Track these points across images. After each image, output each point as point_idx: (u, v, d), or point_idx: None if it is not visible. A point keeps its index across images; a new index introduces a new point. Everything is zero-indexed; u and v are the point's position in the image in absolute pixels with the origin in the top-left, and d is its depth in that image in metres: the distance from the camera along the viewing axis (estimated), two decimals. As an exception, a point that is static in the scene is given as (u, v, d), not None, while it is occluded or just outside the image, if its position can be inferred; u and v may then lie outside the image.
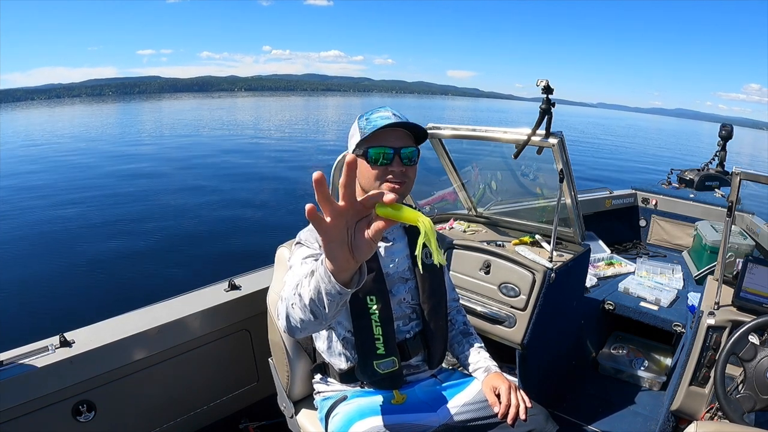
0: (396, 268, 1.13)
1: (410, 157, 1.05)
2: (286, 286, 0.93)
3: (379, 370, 1.07)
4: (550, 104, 1.43)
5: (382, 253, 1.12)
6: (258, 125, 27.34)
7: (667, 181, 3.45)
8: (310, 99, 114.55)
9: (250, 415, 1.70)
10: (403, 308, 1.14)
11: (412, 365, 1.17)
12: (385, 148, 1.02)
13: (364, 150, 1.04)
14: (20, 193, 8.23)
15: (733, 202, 1.44)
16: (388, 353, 1.07)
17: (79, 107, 68.30)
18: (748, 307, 1.43)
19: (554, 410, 1.88)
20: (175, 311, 1.47)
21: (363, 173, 1.06)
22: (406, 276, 1.15)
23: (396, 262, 1.14)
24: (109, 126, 27.83)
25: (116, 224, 6.34)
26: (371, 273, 1.06)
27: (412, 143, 1.07)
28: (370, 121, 1.04)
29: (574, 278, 1.85)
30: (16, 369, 1.19)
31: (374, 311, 1.06)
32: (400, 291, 1.13)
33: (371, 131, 1.02)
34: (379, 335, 1.07)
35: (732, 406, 1.19)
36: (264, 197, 8.27)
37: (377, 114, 1.05)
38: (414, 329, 1.15)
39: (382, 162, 1.03)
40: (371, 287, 1.06)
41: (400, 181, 1.04)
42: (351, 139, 1.09)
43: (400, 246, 1.16)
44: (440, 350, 1.19)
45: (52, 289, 4.31)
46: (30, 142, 18.31)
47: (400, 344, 1.12)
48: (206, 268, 4.68)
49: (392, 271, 1.12)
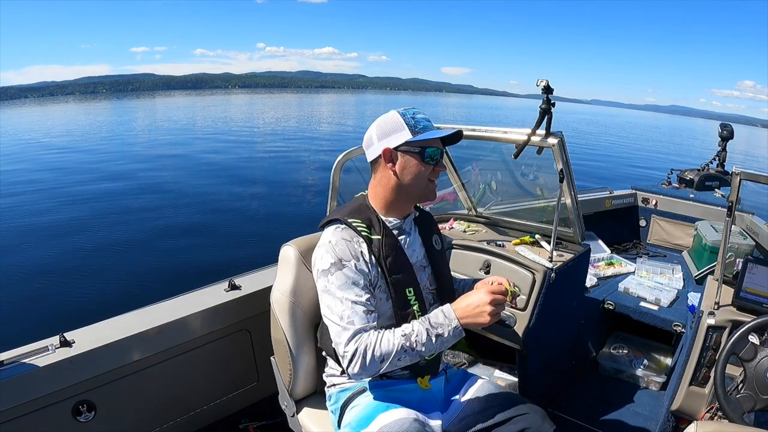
0: (415, 257, 1.17)
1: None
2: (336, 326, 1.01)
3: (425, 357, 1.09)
4: (550, 104, 1.43)
5: (404, 247, 1.15)
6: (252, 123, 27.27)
7: (667, 181, 3.45)
8: (304, 96, 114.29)
9: (250, 415, 1.70)
10: (426, 295, 1.17)
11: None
12: (438, 149, 1.11)
13: (419, 148, 1.08)
14: (20, 192, 8.24)
15: (733, 202, 1.44)
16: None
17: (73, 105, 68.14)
18: (748, 307, 1.43)
19: (554, 410, 1.88)
20: (175, 311, 1.47)
21: (410, 169, 1.09)
22: (423, 264, 1.20)
23: (415, 252, 1.18)
24: (105, 124, 27.79)
25: (116, 224, 6.34)
26: (404, 267, 1.11)
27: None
28: (418, 122, 1.09)
29: (574, 278, 1.85)
30: (16, 369, 1.19)
31: (414, 302, 1.11)
32: (422, 279, 1.17)
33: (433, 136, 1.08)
34: None
35: (732, 406, 1.19)
36: (263, 197, 8.27)
37: (420, 115, 1.11)
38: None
39: (434, 161, 1.10)
40: (408, 279, 1.11)
41: (435, 180, 1.14)
42: (394, 134, 1.08)
43: (415, 236, 1.20)
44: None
45: (52, 289, 4.31)
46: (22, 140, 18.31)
47: None
48: (206, 268, 4.68)
49: (414, 261, 1.16)
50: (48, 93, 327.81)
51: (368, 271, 1.07)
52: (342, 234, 1.08)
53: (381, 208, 1.14)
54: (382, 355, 0.97)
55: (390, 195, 1.12)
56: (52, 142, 17.31)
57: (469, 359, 2.05)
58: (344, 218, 1.10)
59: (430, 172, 1.11)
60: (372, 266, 1.07)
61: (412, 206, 1.19)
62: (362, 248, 1.07)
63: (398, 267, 1.10)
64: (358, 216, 1.11)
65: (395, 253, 1.10)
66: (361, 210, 1.13)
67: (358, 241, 1.08)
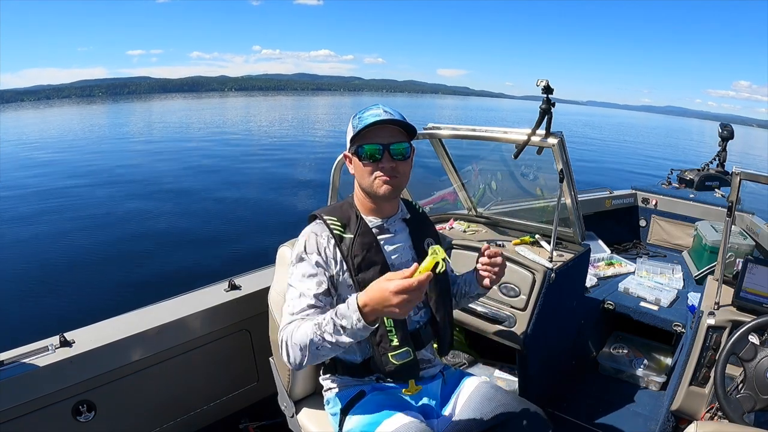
0: (400, 258, 1.15)
1: (401, 153, 1.07)
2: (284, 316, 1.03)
3: (395, 362, 1.08)
4: (550, 104, 1.43)
5: (385, 246, 1.14)
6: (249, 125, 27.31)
7: (667, 181, 3.45)
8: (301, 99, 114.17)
9: (250, 415, 1.70)
10: None
11: (424, 359, 1.18)
12: (375, 145, 1.06)
13: (356, 147, 1.08)
14: (20, 192, 8.24)
15: (733, 202, 1.44)
16: (402, 344, 1.09)
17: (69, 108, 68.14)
18: (748, 307, 1.43)
19: (554, 410, 1.88)
20: (175, 311, 1.48)
21: (358, 170, 1.10)
22: (410, 266, 1.14)
23: (400, 253, 1.16)
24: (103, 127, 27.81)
25: (116, 224, 6.34)
26: (376, 266, 1.09)
27: (403, 138, 1.09)
28: (361, 120, 1.07)
29: (574, 278, 1.85)
30: (16, 369, 1.19)
31: None
32: None
33: (360, 128, 1.05)
34: (391, 327, 1.09)
35: (732, 406, 1.19)
36: (263, 197, 8.27)
37: (369, 112, 1.08)
38: (423, 318, 1.18)
39: (373, 158, 1.06)
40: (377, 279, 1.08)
41: (390, 176, 1.07)
42: (347, 138, 1.12)
43: (402, 237, 1.18)
44: (449, 337, 1.22)
45: (52, 289, 4.31)
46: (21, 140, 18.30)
47: (413, 333, 1.14)
48: (206, 268, 4.68)
49: (397, 262, 1.14)
50: (45, 96, 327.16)
51: (328, 267, 1.08)
52: (313, 228, 1.12)
53: (361, 208, 1.15)
54: (299, 345, 0.95)
55: (362, 196, 1.14)
56: (52, 142, 17.33)
57: (469, 359, 2.04)
58: (321, 214, 1.13)
59: (378, 169, 1.06)
60: (337, 263, 1.08)
61: (389, 205, 1.15)
62: (329, 244, 1.09)
63: (367, 266, 1.09)
64: (336, 214, 1.13)
65: (366, 252, 1.09)
66: (342, 208, 1.15)
67: (326, 236, 1.10)
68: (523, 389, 1.72)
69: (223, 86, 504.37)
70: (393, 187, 1.08)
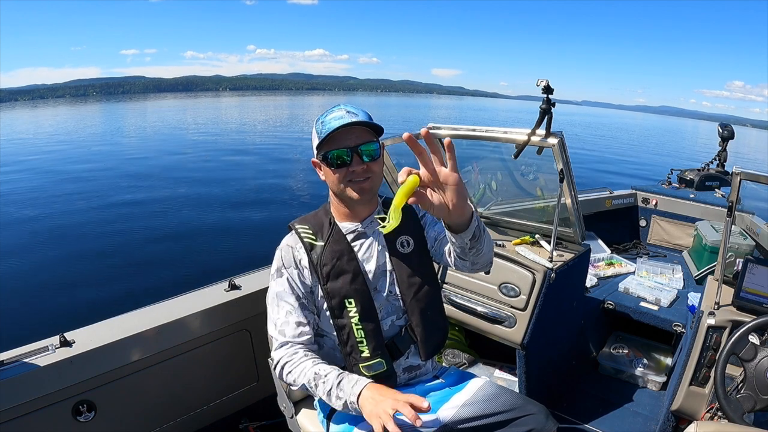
0: (376, 262, 1.11)
1: (370, 153, 1.03)
2: (273, 331, 1.07)
3: (366, 374, 1.05)
4: (550, 104, 1.43)
5: (361, 252, 1.11)
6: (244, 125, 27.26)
7: (668, 181, 3.45)
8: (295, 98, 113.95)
9: (250, 415, 1.70)
10: (392, 302, 1.12)
11: (412, 366, 1.16)
12: (342, 149, 1.00)
13: (324, 154, 1.03)
14: (19, 192, 8.24)
15: (733, 202, 1.44)
16: (373, 355, 1.06)
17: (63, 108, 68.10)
18: (748, 307, 1.43)
19: (554, 410, 1.88)
20: (175, 311, 1.47)
21: (328, 176, 1.06)
22: (385, 268, 1.12)
23: (374, 257, 1.11)
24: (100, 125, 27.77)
25: (115, 224, 6.33)
26: (346, 275, 1.06)
27: (371, 138, 1.04)
28: (325, 124, 1.02)
29: (575, 278, 1.85)
30: (16, 369, 1.19)
31: (354, 314, 1.06)
32: (384, 285, 1.11)
33: (325, 135, 1.00)
34: (362, 338, 1.06)
35: (732, 406, 1.19)
36: (263, 198, 8.26)
37: (331, 115, 1.02)
38: (400, 324, 1.14)
39: (342, 163, 1.02)
40: (348, 289, 1.06)
41: (363, 179, 1.03)
42: (313, 144, 1.08)
43: (381, 238, 1.12)
44: (437, 338, 1.16)
45: (52, 289, 4.30)
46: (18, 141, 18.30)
47: (389, 343, 1.11)
48: (206, 268, 4.67)
49: (373, 267, 1.10)
50: (38, 96, 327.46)
51: (303, 280, 1.07)
52: (287, 240, 1.11)
53: (336, 214, 1.12)
54: (294, 379, 1.02)
55: (336, 201, 1.11)
56: (52, 142, 17.31)
57: (469, 359, 2.04)
58: (294, 225, 1.11)
59: (349, 174, 1.02)
60: (312, 274, 1.07)
61: (364, 208, 1.10)
62: (302, 256, 1.08)
63: (336, 274, 1.05)
64: (309, 222, 1.11)
65: (336, 261, 1.06)
66: (317, 216, 1.13)
67: (299, 248, 1.08)
68: (523, 389, 1.72)
69: (218, 86, 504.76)
70: (367, 189, 1.04)
